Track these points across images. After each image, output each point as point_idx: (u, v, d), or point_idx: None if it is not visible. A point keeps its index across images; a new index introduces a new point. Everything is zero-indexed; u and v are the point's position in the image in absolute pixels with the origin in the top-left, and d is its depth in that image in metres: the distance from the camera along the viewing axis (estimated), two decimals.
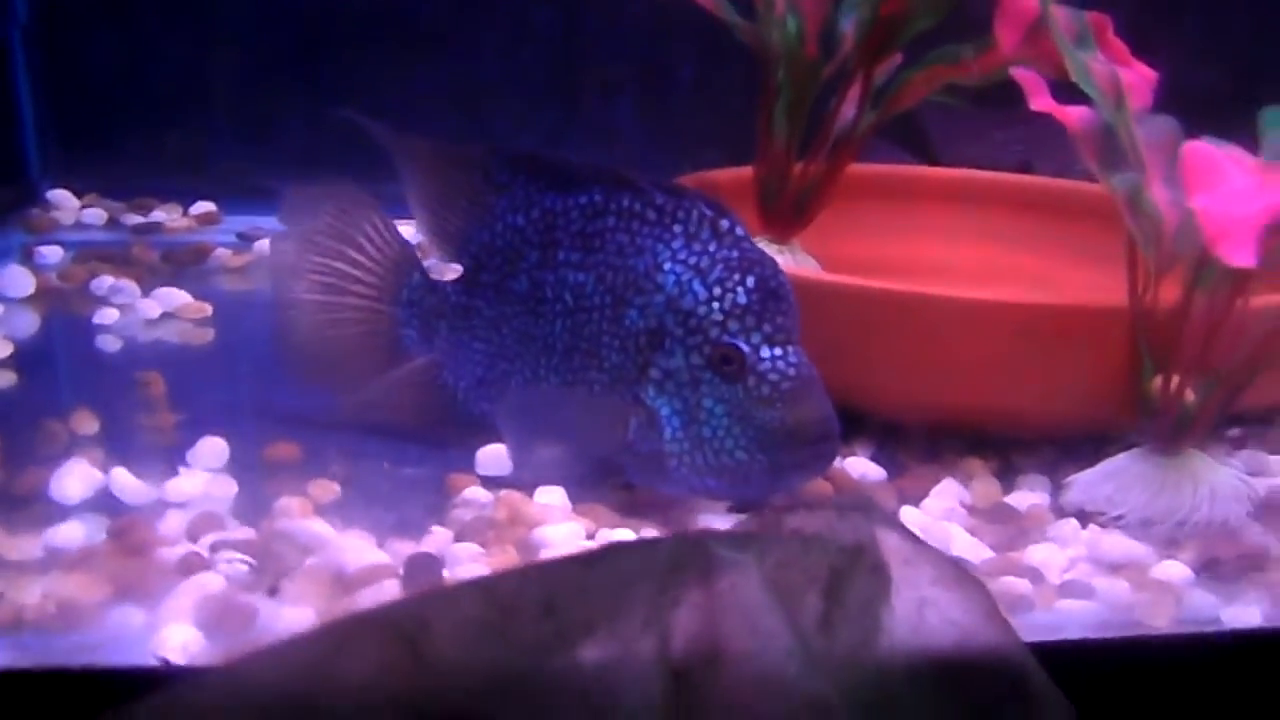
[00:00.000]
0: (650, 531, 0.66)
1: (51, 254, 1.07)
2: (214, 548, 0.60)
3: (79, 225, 1.16)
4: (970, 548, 0.66)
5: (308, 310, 0.77)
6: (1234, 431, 0.81)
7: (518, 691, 0.34)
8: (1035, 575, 0.64)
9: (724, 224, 0.69)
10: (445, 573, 0.59)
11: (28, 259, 1.06)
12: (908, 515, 0.69)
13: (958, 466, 0.76)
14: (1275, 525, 0.70)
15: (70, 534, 0.61)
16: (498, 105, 1.31)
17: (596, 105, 1.33)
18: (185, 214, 1.21)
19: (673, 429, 0.67)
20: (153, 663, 0.48)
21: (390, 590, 0.56)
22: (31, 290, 0.98)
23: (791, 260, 1.01)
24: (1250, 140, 0.70)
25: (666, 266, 0.68)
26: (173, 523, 0.63)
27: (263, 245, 1.09)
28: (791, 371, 0.66)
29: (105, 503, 0.65)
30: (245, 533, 0.62)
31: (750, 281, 0.67)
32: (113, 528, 0.62)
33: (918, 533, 0.66)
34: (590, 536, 0.65)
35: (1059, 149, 0.95)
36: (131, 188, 1.21)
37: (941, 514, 0.70)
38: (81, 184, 1.20)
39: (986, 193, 1.10)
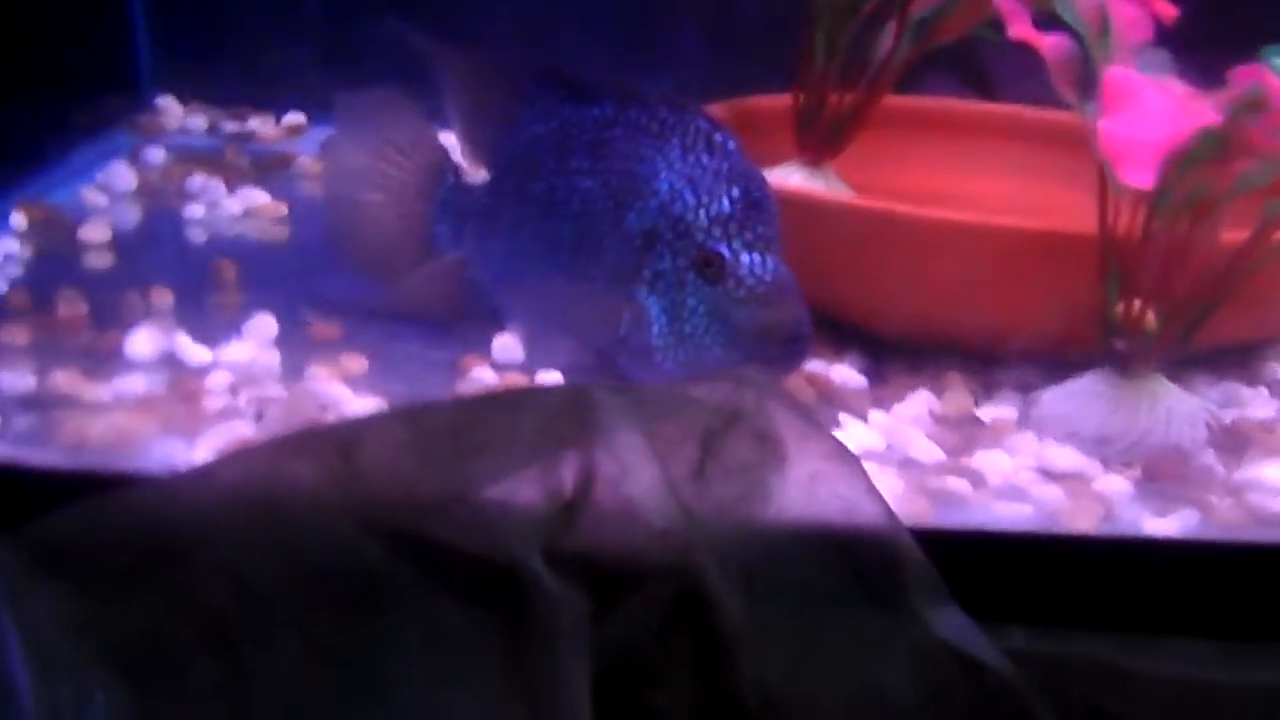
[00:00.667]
0: None
1: (155, 155, 1.18)
2: (249, 401, 0.70)
3: (182, 130, 1.28)
4: (924, 450, 0.72)
5: (354, 207, 0.86)
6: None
7: (429, 503, 0.41)
8: (977, 478, 0.69)
9: (718, 138, 0.75)
10: None
11: (134, 159, 1.18)
12: (874, 419, 0.75)
13: (938, 380, 0.81)
14: (1229, 451, 0.73)
15: (134, 384, 0.72)
16: (563, 30, 1.37)
17: (662, 30, 1.38)
18: (277, 123, 1.32)
19: (660, 325, 0.74)
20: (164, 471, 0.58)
21: None
22: (134, 186, 1.10)
23: (824, 184, 1.06)
24: None
25: (662, 174, 0.74)
26: (219, 380, 0.74)
27: None
28: (768, 276, 0.72)
29: (168, 361, 0.76)
30: (277, 390, 0.72)
31: (735, 191, 0.73)
32: (170, 381, 0.73)
33: (877, 434, 0.72)
34: None
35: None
36: (231, 97, 1.33)
37: (908, 420, 0.75)
38: (187, 91, 1.32)
39: (1024, 127, 1.12)
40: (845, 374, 0.81)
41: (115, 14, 1.26)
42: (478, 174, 0.87)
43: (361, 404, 0.71)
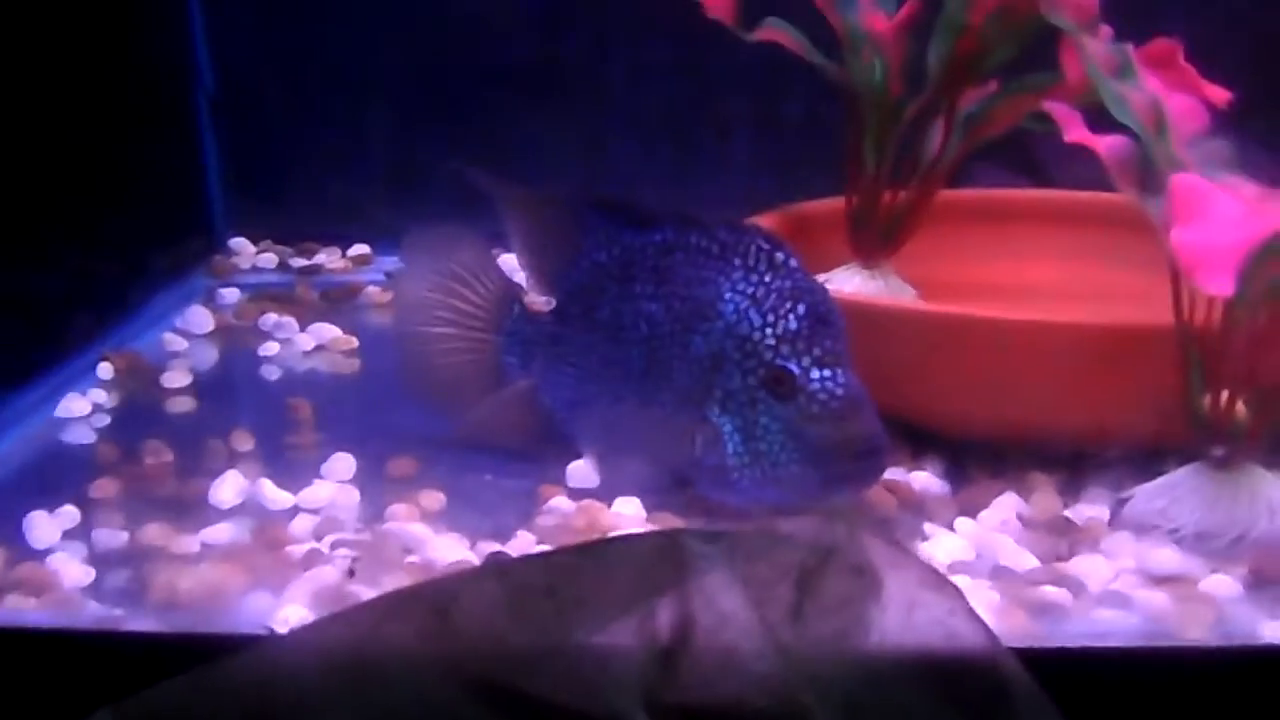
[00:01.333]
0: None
1: (230, 295, 1.23)
2: (333, 545, 0.71)
3: (254, 269, 1.32)
4: (1016, 557, 0.70)
5: (424, 341, 0.88)
6: None
7: (526, 659, 0.41)
8: (1076, 586, 0.67)
9: (779, 257, 0.75)
10: None
11: (210, 299, 1.22)
12: (961, 526, 0.74)
13: (1022, 482, 0.79)
14: None
15: (220, 533, 0.74)
16: (620, 147, 1.41)
17: (712, 142, 1.41)
18: (344, 256, 1.36)
19: (734, 444, 0.74)
20: (261, 632, 0.58)
21: None
22: (211, 327, 1.14)
23: (882, 285, 1.06)
24: None
25: (726, 296, 0.75)
26: (303, 525, 0.75)
27: None
28: (839, 391, 0.72)
29: (252, 507, 0.78)
30: (359, 532, 0.73)
31: (800, 309, 0.73)
32: (255, 528, 0.74)
33: (966, 543, 0.71)
34: None
35: None
36: (300, 233, 1.38)
37: (996, 525, 0.74)
38: (258, 231, 1.37)
39: (1084, 212, 1.11)
40: (926, 481, 0.80)
41: (189, 160, 1.33)
42: (543, 302, 0.89)
43: (443, 543, 0.71)
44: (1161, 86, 0.76)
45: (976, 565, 0.70)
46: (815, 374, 0.72)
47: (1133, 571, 0.68)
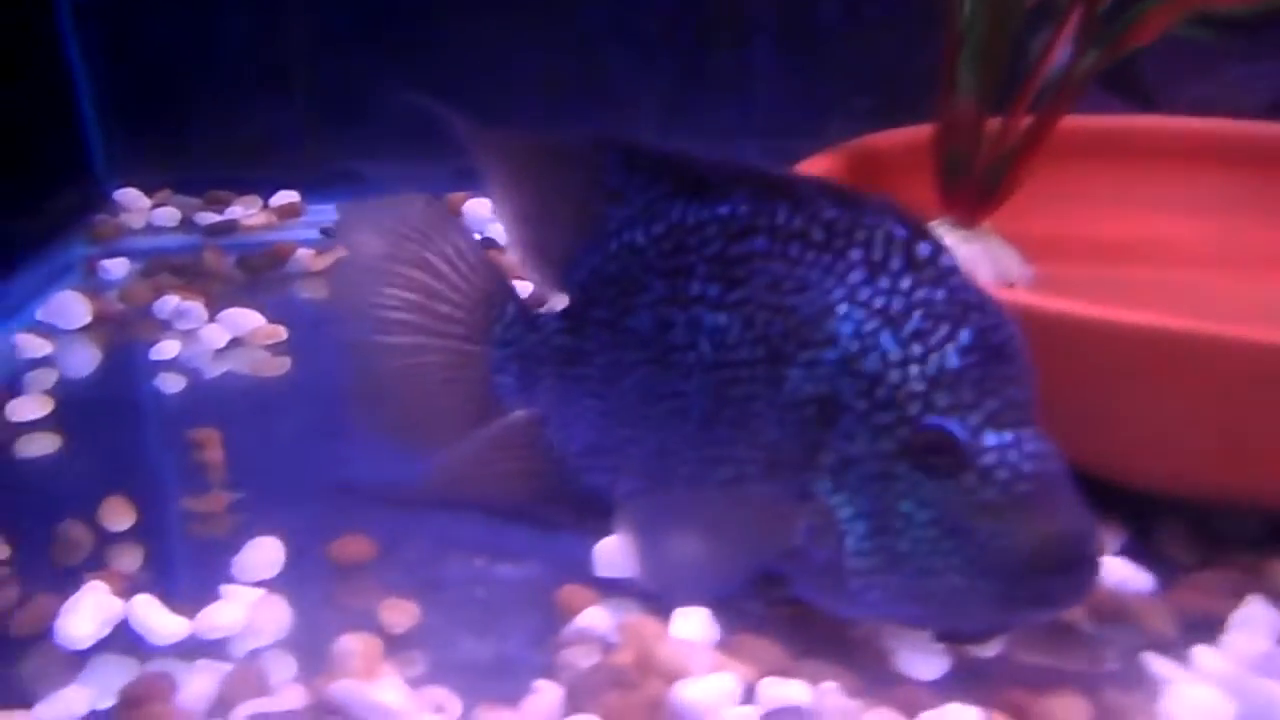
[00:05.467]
0: (829, 682, 0.48)
1: (116, 268, 0.94)
2: None
3: (149, 229, 1.04)
4: None
5: (381, 355, 0.61)
6: None
7: None
8: None
9: (922, 250, 0.49)
10: None
11: (90, 276, 0.94)
12: (1203, 659, 0.49)
13: (1261, 572, 0.54)
14: None
15: (70, 704, 0.47)
16: (612, 54, 1.11)
17: (728, 49, 1.12)
18: (265, 207, 1.07)
19: (857, 536, 0.49)
20: None
21: None
22: (87, 319, 0.86)
23: (981, 250, 0.80)
24: None
25: (842, 310, 0.49)
26: (199, 684, 0.48)
27: None
28: (1028, 467, 0.46)
29: (124, 646, 0.51)
30: (291, 697, 0.47)
31: (965, 336, 0.47)
32: (125, 692, 0.47)
33: (1219, 694, 0.46)
34: (748, 693, 0.47)
35: None
36: (208, 179, 1.08)
37: (1256, 659, 0.49)
38: (153, 179, 1.08)
39: (1233, 146, 0.86)
40: (1119, 570, 0.55)
41: (53, 87, 1.01)
42: (548, 300, 0.62)
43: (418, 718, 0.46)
44: None
45: None
46: (991, 440, 0.46)
47: None
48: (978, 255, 0.81)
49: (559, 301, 0.60)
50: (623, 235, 0.56)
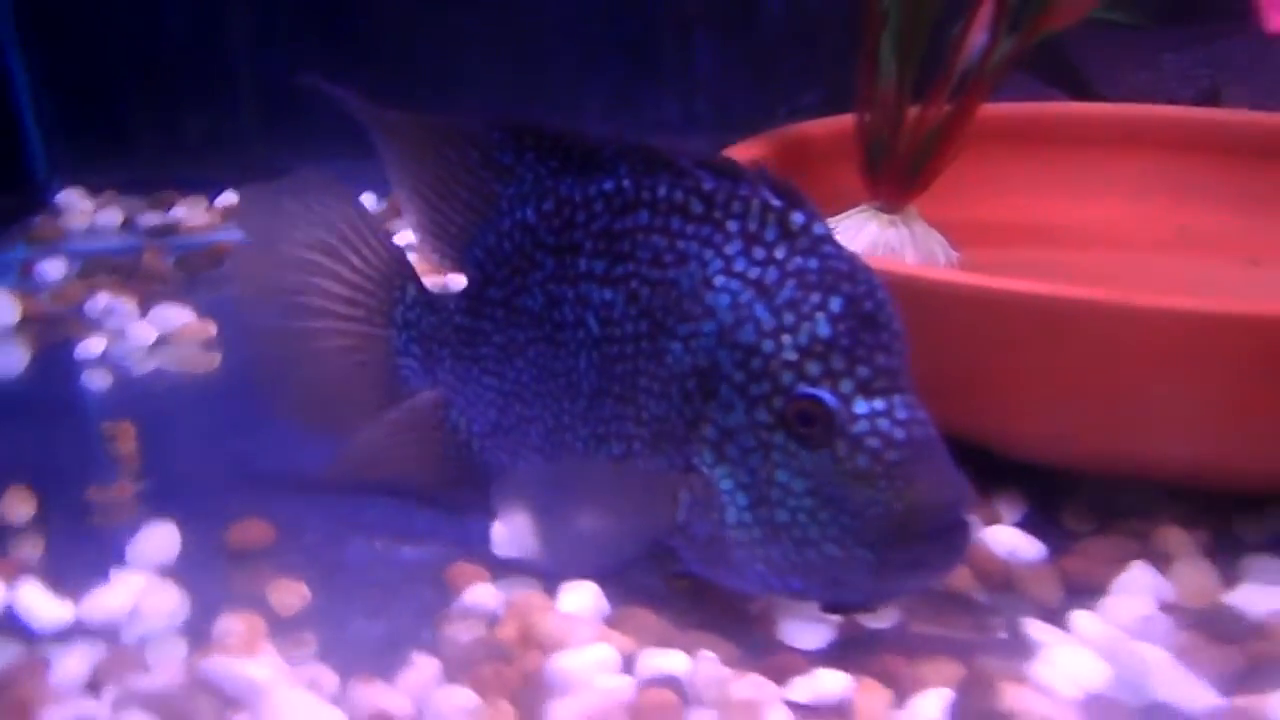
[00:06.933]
0: (708, 652, 0.47)
1: (52, 269, 0.94)
2: (116, 703, 0.45)
3: (91, 231, 1.04)
4: (1183, 688, 0.45)
5: (282, 339, 0.61)
6: None
7: None
8: None
9: (796, 219, 0.49)
10: None
11: (25, 277, 0.94)
12: (1082, 624, 0.49)
13: (1149, 540, 0.55)
14: None
15: None
16: (553, 51, 1.12)
17: (671, 45, 1.12)
18: (210, 207, 1.07)
19: (738, 509, 0.49)
20: None
21: None
22: (16, 318, 0.86)
23: (907, 234, 0.80)
24: None
25: (719, 281, 0.49)
26: (74, 664, 0.48)
27: None
28: (900, 434, 0.46)
29: (9, 630, 0.51)
30: (163, 676, 0.47)
31: (836, 304, 0.47)
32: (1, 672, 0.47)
33: (1095, 657, 0.46)
34: (628, 663, 0.47)
35: (1257, 72, 0.71)
36: (154, 180, 1.08)
37: (1133, 623, 0.49)
38: (98, 180, 1.08)
39: (1162, 132, 0.86)
40: (1011, 540, 0.55)
41: None
42: (448, 280, 0.61)
43: (296, 698, 0.45)
44: None
45: (1116, 698, 0.46)
46: (863, 407, 0.46)
47: None
48: (903, 239, 0.81)
49: (456, 281, 0.60)
50: (515, 213, 0.56)
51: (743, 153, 0.82)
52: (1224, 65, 0.94)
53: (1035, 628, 0.49)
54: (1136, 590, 0.51)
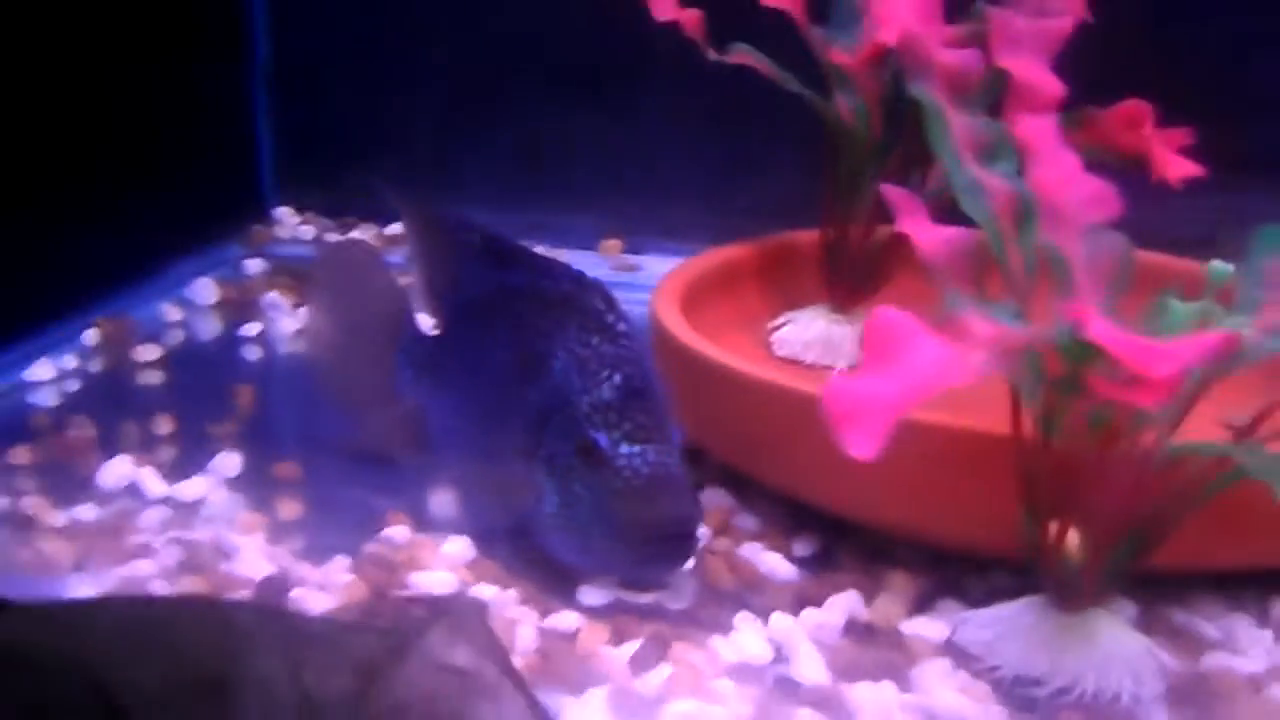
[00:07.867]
0: (512, 592, 0.72)
1: (252, 266, 1.29)
2: (169, 540, 0.76)
3: (293, 240, 1.37)
4: (809, 669, 0.65)
5: (331, 349, 0.90)
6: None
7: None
8: (844, 717, 0.62)
9: (608, 319, 0.73)
10: (291, 593, 0.70)
11: (234, 270, 1.29)
12: (778, 622, 0.69)
13: (879, 579, 0.73)
14: (1188, 711, 0.61)
15: (87, 513, 0.80)
16: (663, 146, 1.37)
17: (759, 152, 1.34)
18: (379, 234, 1.40)
19: (554, 505, 0.73)
20: None
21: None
22: (214, 300, 1.20)
23: (849, 330, 1.00)
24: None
25: (558, 353, 0.73)
26: (154, 517, 0.79)
27: None
28: (645, 470, 0.69)
29: (130, 492, 0.83)
30: (202, 533, 0.77)
31: (616, 378, 0.70)
32: (116, 513, 0.79)
33: (766, 644, 0.66)
34: (460, 587, 0.72)
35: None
36: (346, 209, 1.42)
37: (814, 627, 0.68)
38: (306, 203, 1.43)
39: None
40: (776, 563, 0.75)
41: (240, 132, 1.39)
42: (436, 326, 0.89)
43: (257, 560, 0.74)
44: (1072, 167, 0.67)
45: (761, 672, 0.65)
46: (624, 449, 0.69)
47: (917, 710, 0.62)
48: (844, 335, 1.01)
49: (437, 326, 0.88)
50: (469, 290, 0.82)
51: (736, 254, 1.05)
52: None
53: (743, 618, 0.69)
54: (839, 608, 0.69)
